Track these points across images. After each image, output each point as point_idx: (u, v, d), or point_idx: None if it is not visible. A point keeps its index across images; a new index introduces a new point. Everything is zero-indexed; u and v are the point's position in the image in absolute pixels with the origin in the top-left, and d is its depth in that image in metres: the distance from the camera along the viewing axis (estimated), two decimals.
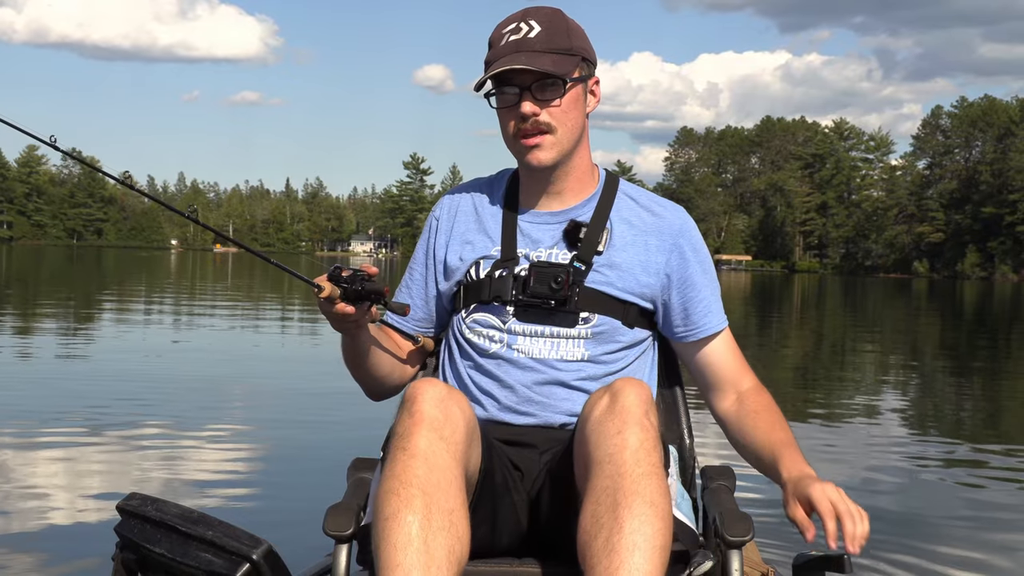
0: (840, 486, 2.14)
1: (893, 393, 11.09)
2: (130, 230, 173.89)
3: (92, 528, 4.51)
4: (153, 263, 63.16)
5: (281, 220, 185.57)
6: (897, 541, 4.69)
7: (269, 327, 17.17)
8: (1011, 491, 6.04)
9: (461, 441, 1.99)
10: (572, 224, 2.40)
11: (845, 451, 7.06)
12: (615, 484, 1.88)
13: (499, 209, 2.49)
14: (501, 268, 2.39)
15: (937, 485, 6.15)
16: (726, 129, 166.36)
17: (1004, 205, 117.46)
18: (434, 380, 2.07)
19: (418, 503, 1.84)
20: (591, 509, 1.88)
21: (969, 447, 7.47)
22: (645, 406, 2.01)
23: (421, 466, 1.89)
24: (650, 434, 1.96)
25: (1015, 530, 5.14)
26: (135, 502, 2.09)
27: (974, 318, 31.06)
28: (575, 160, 2.42)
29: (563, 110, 2.34)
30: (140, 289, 29.69)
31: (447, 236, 2.52)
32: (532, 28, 2.34)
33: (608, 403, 2.02)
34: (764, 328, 21.45)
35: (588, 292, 2.36)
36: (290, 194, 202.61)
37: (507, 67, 2.29)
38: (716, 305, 2.49)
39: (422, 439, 1.93)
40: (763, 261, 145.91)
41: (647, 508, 1.85)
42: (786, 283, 73.07)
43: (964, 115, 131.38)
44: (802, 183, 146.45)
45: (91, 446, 6.24)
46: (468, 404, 2.09)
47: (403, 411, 2.01)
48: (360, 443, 6.23)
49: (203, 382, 9.54)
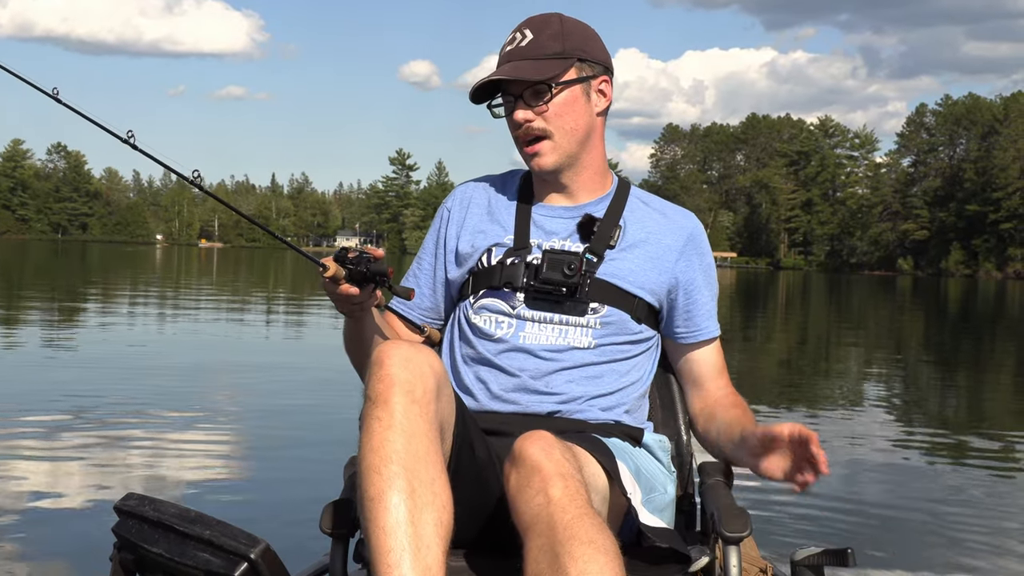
0: (823, 482, 2.16)
1: (876, 390, 11.14)
2: (115, 225, 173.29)
3: (89, 528, 4.50)
4: (138, 258, 62.96)
5: (267, 215, 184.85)
6: (880, 537, 4.74)
7: (261, 323, 17.16)
8: (994, 486, 6.09)
9: (432, 400, 1.97)
10: (587, 217, 2.43)
11: (828, 447, 7.10)
12: (549, 539, 1.83)
13: (513, 201, 2.53)
14: (514, 256, 2.42)
15: (921, 480, 6.19)
16: (712, 126, 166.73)
17: (988, 203, 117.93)
18: (399, 341, 2.05)
19: (401, 482, 1.85)
20: (533, 570, 1.84)
21: (953, 441, 7.53)
22: (554, 455, 1.93)
23: (399, 438, 1.89)
24: (569, 482, 1.89)
25: (1001, 527, 5.19)
26: (132, 502, 2.07)
27: (958, 315, 31.22)
28: (584, 160, 2.46)
29: (556, 113, 2.37)
30: (128, 284, 29.55)
31: (459, 226, 2.54)
32: (525, 37, 2.39)
33: (519, 469, 1.94)
34: (749, 325, 21.51)
35: (599, 283, 2.39)
36: (276, 189, 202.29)
37: (486, 79, 2.37)
38: (715, 311, 2.57)
39: (396, 405, 1.92)
40: (748, 258, 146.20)
41: (587, 548, 1.80)
42: (771, 280, 73.28)
43: (948, 113, 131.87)
44: (787, 180, 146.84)
45: (84, 445, 6.21)
46: (437, 360, 2.05)
47: (372, 375, 1.99)
48: (356, 441, 6.26)
49: (198, 379, 9.53)
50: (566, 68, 2.37)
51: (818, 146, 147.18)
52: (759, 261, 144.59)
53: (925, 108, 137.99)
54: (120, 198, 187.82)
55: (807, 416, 8.50)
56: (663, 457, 2.46)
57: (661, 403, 2.67)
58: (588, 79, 2.41)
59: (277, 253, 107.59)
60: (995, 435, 8.10)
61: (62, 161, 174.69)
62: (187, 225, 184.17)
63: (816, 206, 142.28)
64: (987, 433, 8.21)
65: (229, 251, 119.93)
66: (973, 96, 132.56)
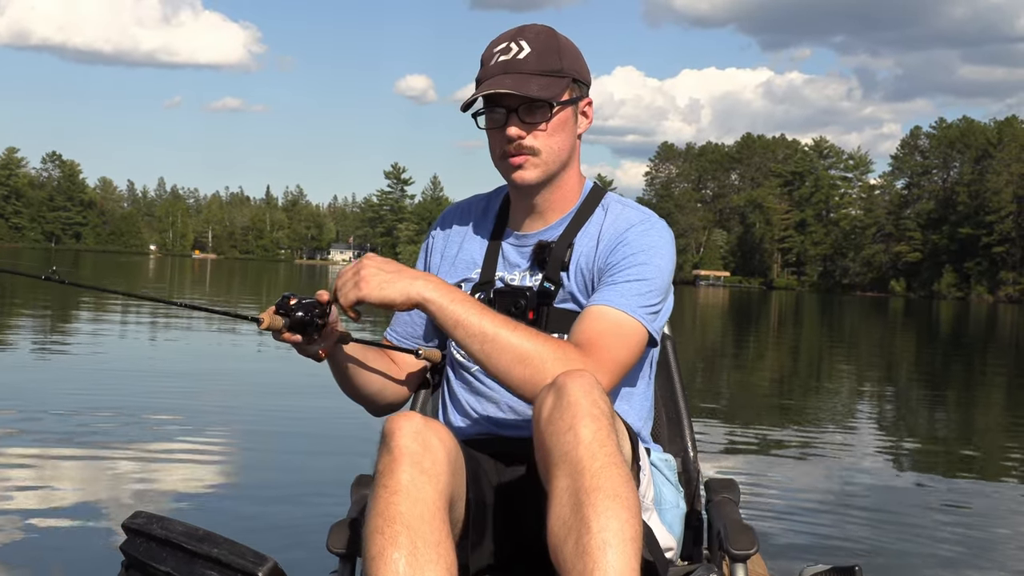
0: (816, 501, 2.15)
1: (868, 413, 11.17)
2: (109, 234, 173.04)
3: (96, 547, 4.47)
4: (132, 268, 62.77)
5: (261, 227, 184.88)
6: (887, 552, 4.78)
7: (268, 340, 16.94)
8: (987, 510, 6.12)
9: (443, 472, 1.97)
10: (538, 246, 2.40)
11: (821, 472, 7.13)
12: (575, 483, 1.84)
13: (488, 231, 2.50)
14: (479, 292, 2.41)
15: (914, 503, 6.22)
16: (707, 145, 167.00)
17: (981, 226, 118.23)
18: (410, 413, 2.05)
19: (403, 539, 1.84)
20: (556, 512, 1.85)
21: (944, 467, 7.56)
22: (592, 395, 1.93)
23: (404, 501, 1.88)
24: (602, 423, 1.89)
25: (989, 550, 5.22)
26: (140, 520, 2.08)
27: (950, 337, 31.26)
28: (561, 180, 2.41)
29: (549, 133, 2.33)
30: (124, 294, 29.34)
31: (440, 255, 2.55)
32: (522, 49, 2.32)
33: (555, 400, 1.94)
34: (742, 345, 21.53)
35: (556, 312, 2.36)
36: (270, 201, 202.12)
37: (492, 91, 2.28)
38: (627, 289, 2.28)
39: (403, 474, 1.91)
40: (741, 277, 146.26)
41: (611, 502, 1.80)
42: (764, 300, 73.31)
43: (942, 136, 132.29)
44: (781, 200, 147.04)
45: (91, 462, 6.14)
46: (448, 433, 2.05)
47: (382, 447, 1.99)
48: (364, 460, 6.24)
49: (206, 397, 9.45)
50: (566, 87, 2.33)
51: (812, 167, 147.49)
52: (752, 281, 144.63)
53: (919, 131, 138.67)
54: (114, 208, 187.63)
55: (801, 433, 8.52)
56: (670, 476, 2.45)
57: (667, 420, 2.67)
58: (577, 100, 2.38)
59: (270, 265, 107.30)
60: (992, 451, 8.13)
61: (56, 170, 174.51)
62: (181, 236, 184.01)
63: (810, 226, 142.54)
64: (984, 449, 8.25)
65: (223, 262, 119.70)
66: (967, 119, 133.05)
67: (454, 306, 2.13)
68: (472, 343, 2.13)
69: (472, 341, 2.13)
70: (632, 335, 2.23)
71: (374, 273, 2.12)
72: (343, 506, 2.35)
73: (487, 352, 2.12)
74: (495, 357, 2.12)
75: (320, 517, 2.71)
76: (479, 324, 2.12)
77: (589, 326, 2.21)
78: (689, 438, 2.67)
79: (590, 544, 1.78)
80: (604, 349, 2.17)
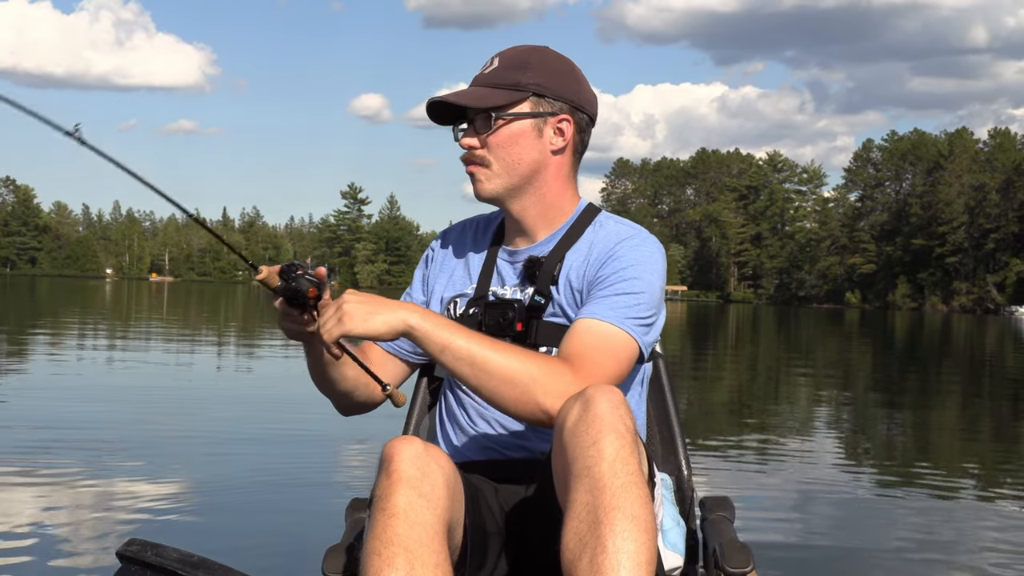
0: (773, 511, 2.16)
1: (824, 422, 11.30)
2: (65, 259, 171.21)
3: (90, 574, 4.39)
4: (88, 292, 61.86)
5: (218, 249, 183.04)
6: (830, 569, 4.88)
7: (263, 366, 16.66)
8: (942, 517, 6.25)
9: (441, 497, 1.96)
10: (528, 261, 2.40)
11: (777, 482, 7.24)
12: (594, 499, 1.82)
13: (485, 247, 2.53)
14: (473, 306, 2.43)
15: (869, 513, 6.33)
16: (662, 160, 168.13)
17: (934, 237, 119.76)
18: (410, 438, 2.04)
19: (400, 561, 1.84)
20: (573, 527, 1.84)
21: (899, 472, 7.68)
22: (619, 411, 1.92)
23: (401, 524, 1.88)
24: (626, 441, 1.88)
25: (947, 558, 5.34)
26: (135, 547, 2.10)
27: (905, 347, 31.62)
28: (533, 196, 2.40)
29: (498, 144, 2.33)
30: (106, 321, 29.12)
31: (439, 268, 2.57)
32: (492, 64, 2.36)
33: (580, 411, 1.92)
34: (699, 357, 21.70)
35: (546, 326, 2.36)
36: (227, 223, 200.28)
37: (435, 99, 2.33)
38: (616, 302, 2.27)
39: (401, 498, 1.91)
40: (699, 291, 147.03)
41: (629, 523, 1.80)
42: (721, 313, 73.62)
43: (894, 148, 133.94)
44: (737, 214, 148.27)
45: (81, 488, 6.03)
46: (447, 459, 2.05)
47: (381, 472, 1.98)
48: (358, 483, 6.26)
49: (197, 422, 9.28)
50: (517, 100, 2.33)
51: (767, 180, 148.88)
52: (709, 294, 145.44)
53: (871, 143, 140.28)
54: (69, 232, 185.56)
55: (762, 443, 8.63)
56: (667, 495, 2.45)
57: (661, 438, 2.67)
58: (544, 115, 2.35)
59: (228, 287, 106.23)
60: (937, 471, 8.26)
61: (11, 195, 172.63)
62: (137, 259, 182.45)
63: (765, 240, 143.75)
64: (928, 467, 8.38)
65: (180, 285, 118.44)
66: (918, 132, 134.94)
67: (439, 331, 2.12)
68: (460, 366, 2.12)
69: (460, 364, 2.11)
70: (621, 348, 2.22)
71: (356, 307, 2.11)
72: (338, 530, 2.36)
73: (476, 375, 2.11)
74: (484, 379, 2.11)
75: (314, 542, 2.73)
76: (466, 347, 2.11)
77: (577, 339, 2.20)
78: (683, 457, 2.65)
79: (604, 564, 1.78)
80: (592, 362, 2.16)
